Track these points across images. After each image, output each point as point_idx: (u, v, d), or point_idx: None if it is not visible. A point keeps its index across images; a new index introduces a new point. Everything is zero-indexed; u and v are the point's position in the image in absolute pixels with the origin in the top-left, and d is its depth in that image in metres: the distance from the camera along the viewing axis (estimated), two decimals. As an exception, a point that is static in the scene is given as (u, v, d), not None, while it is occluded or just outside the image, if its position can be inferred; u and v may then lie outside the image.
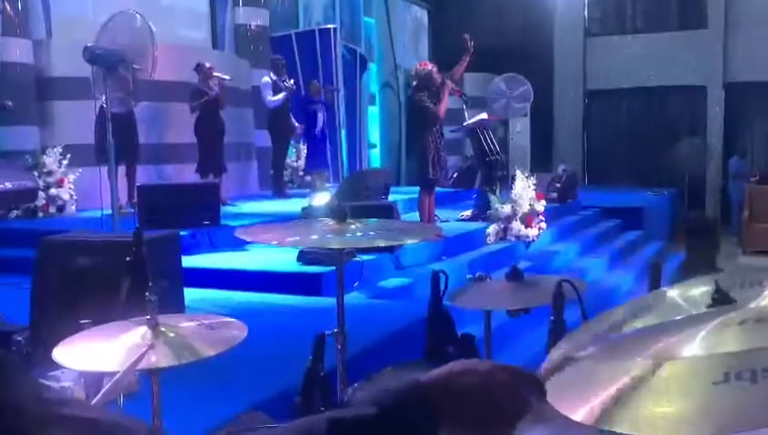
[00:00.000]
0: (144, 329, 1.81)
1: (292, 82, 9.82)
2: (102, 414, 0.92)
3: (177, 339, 1.79)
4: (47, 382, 3.04)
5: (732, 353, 0.96)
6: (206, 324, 1.92)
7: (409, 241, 2.11)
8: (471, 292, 2.01)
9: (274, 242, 2.04)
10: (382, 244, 2.09)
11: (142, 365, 1.73)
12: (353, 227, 2.14)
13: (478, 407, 0.85)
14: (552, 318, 1.59)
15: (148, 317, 1.82)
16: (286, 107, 9.67)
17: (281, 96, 9.38)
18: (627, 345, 1.13)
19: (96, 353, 1.70)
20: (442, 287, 1.95)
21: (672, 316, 1.27)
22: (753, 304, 0.99)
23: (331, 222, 2.18)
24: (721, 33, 14.23)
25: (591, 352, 1.20)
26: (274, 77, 9.58)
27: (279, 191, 9.74)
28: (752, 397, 0.97)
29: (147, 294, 1.88)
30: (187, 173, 9.03)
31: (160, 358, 1.72)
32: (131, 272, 2.09)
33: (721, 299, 1.16)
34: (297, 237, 2.13)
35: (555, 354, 1.27)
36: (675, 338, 1.01)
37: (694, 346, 0.97)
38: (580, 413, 1.06)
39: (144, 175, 8.62)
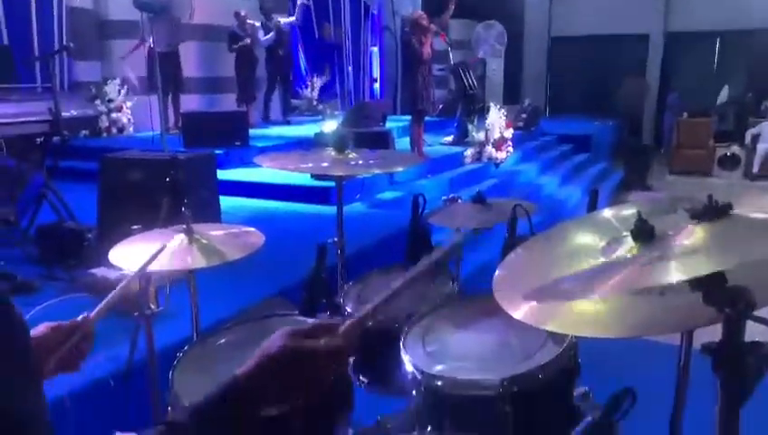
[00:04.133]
0: (182, 236, 1.80)
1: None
2: None
3: (209, 245, 1.79)
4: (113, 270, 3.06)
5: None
6: (231, 233, 1.92)
7: (399, 169, 2.07)
8: (444, 212, 2.00)
9: (287, 168, 2.01)
10: (378, 171, 2.06)
11: (181, 266, 1.74)
12: (352, 156, 2.10)
13: (290, 383, 0.80)
14: (506, 235, 1.58)
15: (184, 226, 1.82)
16: (278, 44, 8.98)
17: (270, 36, 8.81)
18: (564, 285, 1.12)
19: (142, 255, 1.69)
20: (421, 208, 1.93)
21: (604, 234, 1.27)
22: (665, 241, 0.97)
23: (334, 152, 2.14)
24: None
25: (535, 277, 1.20)
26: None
27: (266, 117, 9.28)
28: (661, 307, 0.97)
29: (183, 208, 1.86)
30: (227, 101, 8.96)
31: (195, 260, 1.73)
32: (170, 189, 2.06)
33: (642, 229, 1.15)
34: (307, 165, 2.09)
35: (505, 265, 1.27)
36: (600, 269, 1.01)
37: (615, 283, 0.96)
38: (521, 313, 1.07)
39: (192, 102, 8.55)
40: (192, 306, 1.87)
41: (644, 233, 1.07)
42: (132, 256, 1.77)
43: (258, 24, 8.73)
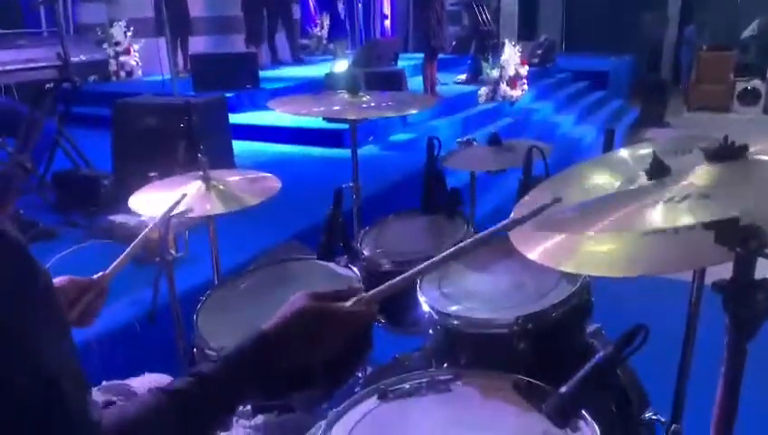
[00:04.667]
0: (199, 183, 1.83)
1: None
2: None
3: (226, 191, 1.82)
4: (131, 216, 3.12)
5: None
6: (248, 178, 1.94)
7: (413, 111, 2.07)
8: (459, 154, 2.01)
9: (301, 113, 2.02)
10: (391, 114, 2.05)
11: (200, 213, 1.77)
12: (365, 99, 2.10)
13: (311, 341, 0.85)
14: (521, 177, 1.60)
15: (201, 173, 1.84)
16: None
17: None
18: (578, 217, 1.14)
19: (162, 201, 1.73)
20: (436, 151, 1.93)
21: (620, 173, 1.28)
22: (680, 181, 0.99)
23: (347, 95, 2.14)
24: None
25: (551, 213, 1.22)
26: None
27: (274, 59, 9.08)
28: (674, 246, 0.99)
29: (199, 154, 1.88)
30: (235, 42, 8.81)
31: (214, 207, 1.76)
32: (185, 136, 2.08)
33: (657, 168, 1.16)
34: (320, 108, 2.09)
35: (520, 206, 1.30)
36: (616, 209, 1.02)
37: (630, 217, 0.98)
38: (536, 254, 1.10)
39: (200, 44, 8.42)
40: (212, 251, 1.92)
41: (659, 172, 1.09)
42: (151, 202, 1.80)
43: None
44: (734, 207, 0.85)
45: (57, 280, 1.19)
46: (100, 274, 1.30)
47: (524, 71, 7.57)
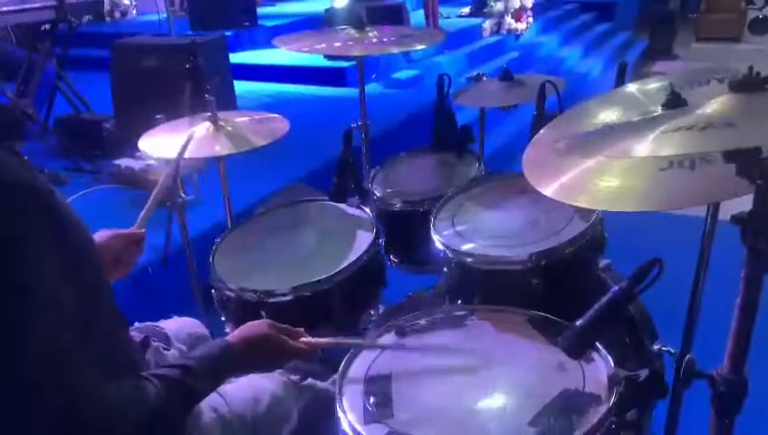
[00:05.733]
0: (207, 124, 1.82)
1: None
2: None
3: (235, 132, 1.81)
4: (136, 160, 3.12)
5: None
6: (255, 119, 1.92)
7: (419, 47, 2.03)
8: (470, 91, 1.98)
9: (305, 50, 1.98)
10: (396, 51, 2.01)
11: (209, 154, 1.77)
12: (370, 34, 2.05)
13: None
14: (534, 113, 1.58)
15: (209, 114, 1.83)
16: None
17: None
18: (592, 142, 1.14)
19: (171, 143, 1.72)
20: (446, 88, 1.91)
21: (632, 109, 1.27)
22: (699, 111, 0.98)
23: (351, 30, 2.09)
24: None
25: (563, 144, 1.22)
26: None
27: None
28: (690, 180, 0.99)
29: (206, 95, 1.86)
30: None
31: (223, 147, 1.75)
32: (191, 77, 2.05)
33: (674, 100, 1.15)
34: (323, 45, 2.05)
35: (534, 143, 1.29)
36: (631, 139, 1.02)
37: (646, 146, 0.98)
38: (550, 190, 1.10)
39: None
40: (223, 193, 1.93)
41: (676, 104, 1.08)
42: (159, 145, 1.80)
43: None
44: (757, 137, 0.85)
45: (100, 235, 1.23)
46: (136, 225, 1.35)
47: (530, 2, 7.36)
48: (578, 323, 1.04)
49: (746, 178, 0.84)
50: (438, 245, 1.46)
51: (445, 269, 1.46)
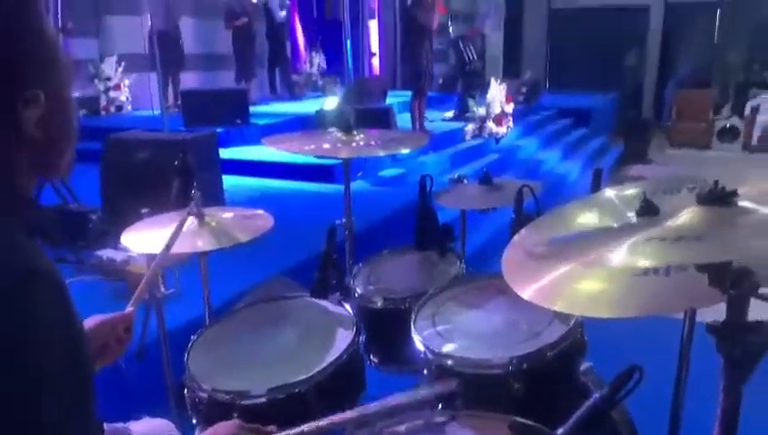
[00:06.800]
0: (191, 219, 1.82)
1: None
2: None
3: (218, 228, 1.81)
4: (118, 251, 3.10)
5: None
6: (240, 215, 1.94)
7: (405, 150, 2.09)
8: (451, 192, 2.02)
9: (294, 150, 2.03)
10: (382, 153, 2.07)
11: (192, 249, 1.76)
12: (358, 137, 2.12)
13: None
14: (512, 216, 1.61)
15: (194, 209, 1.84)
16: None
17: (284, 12, 8.81)
18: (568, 248, 1.15)
19: (154, 238, 1.71)
20: (428, 188, 1.95)
21: (608, 214, 1.29)
22: (670, 222, 1.00)
23: (339, 133, 2.15)
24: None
25: (541, 249, 1.23)
26: None
27: (273, 90, 9.34)
28: (665, 287, 1.00)
29: (193, 191, 1.88)
30: (225, 78, 8.88)
31: (206, 243, 1.75)
32: (179, 173, 2.08)
33: (647, 209, 1.18)
34: (313, 146, 2.11)
35: (513, 245, 1.30)
36: (606, 247, 1.03)
37: (620, 255, 0.99)
38: (528, 293, 1.10)
39: (190, 80, 8.46)
40: (204, 288, 1.90)
41: (649, 213, 1.11)
42: (143, 239, 1.79)
43: None
44: (727, 249, 0.86)
45: (89, 321, 1.19)
46: (126, 310, 1.31)
47: (510, 108, 7.69)
48: (559, 432, 1.01)
49: (719, 289, 0.85)
50: (419, 345, 1.43)
51: (425, 371, 1.43)
